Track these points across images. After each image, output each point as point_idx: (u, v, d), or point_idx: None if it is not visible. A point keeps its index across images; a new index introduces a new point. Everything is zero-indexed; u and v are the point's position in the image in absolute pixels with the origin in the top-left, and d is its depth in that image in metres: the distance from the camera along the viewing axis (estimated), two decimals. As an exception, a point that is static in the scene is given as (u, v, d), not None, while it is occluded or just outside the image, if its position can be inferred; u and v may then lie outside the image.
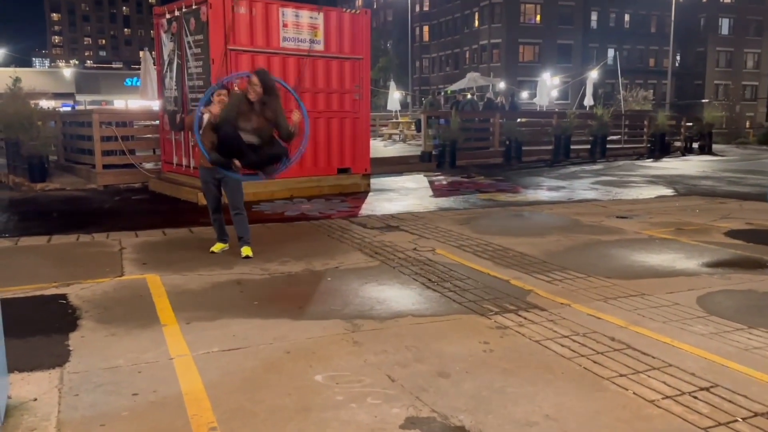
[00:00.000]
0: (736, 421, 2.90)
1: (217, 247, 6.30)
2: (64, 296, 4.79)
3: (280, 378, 3.37)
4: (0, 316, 2.88)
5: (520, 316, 4.37)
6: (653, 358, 3.64)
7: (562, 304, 4.65)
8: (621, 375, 3.40)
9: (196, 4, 9.74)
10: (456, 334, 4.02)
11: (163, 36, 10.93)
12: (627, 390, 3.22)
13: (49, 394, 3.15)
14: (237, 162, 5.75)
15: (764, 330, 4.09)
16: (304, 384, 3.29)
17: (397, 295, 4.89)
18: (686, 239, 6.98)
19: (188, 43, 10.01)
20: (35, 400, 3.08)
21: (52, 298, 4.75)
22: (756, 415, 2.96)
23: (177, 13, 10.30)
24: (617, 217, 8.46)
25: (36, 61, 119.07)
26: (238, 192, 6.12)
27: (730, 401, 3.10)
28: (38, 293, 4.87)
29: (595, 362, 3.57)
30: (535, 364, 3.56)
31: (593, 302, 4.68)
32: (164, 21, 10.79)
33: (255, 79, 5.55)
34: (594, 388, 3.26)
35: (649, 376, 3.38)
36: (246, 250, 6.07)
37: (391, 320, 4.30)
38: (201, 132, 5.90)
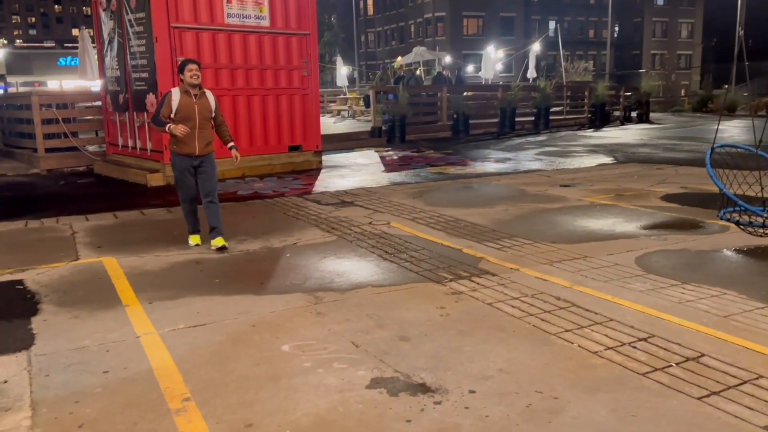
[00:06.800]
0: (671, 366, 3.20)
1: (195, 239, 5.86)
2: (20, 281, 4.76)
3: (247, 350, 3.49)
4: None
5: (473, 281, 4.61)
6: (596, 314, 3.93)
7: (511, 269, 4.91)
8: (567, 330, 3.68)
9: (136, -19, 9.50)
10: (414, 301, 4.23)
11: (102, 14, 10.61)
12: (572, 343, 3.50)
13: (19, 376, 3.20)
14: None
15: (696, 285, 4.45)
16: (271, 354, 3.43)
17: (355, 268, 5.05)
18: (625, 204, 7.38)
19: (129, 21, 9.76)
20: (5, 382, 3.13)
21: (8, 284, 4.72)
22: (688, 359, 3.27)
23: (116, -10, 10.01)
24: (561, 185, 8.82)
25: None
26: (215, 178, 5.80)
27: (665, 349, 3.40)
28: (-8, 280, 4.82)
29: (542, 320, 3.84)
30: (489, 324, 3.80)
31: (540, 266, 4.97)
32: (103, -2, 10.47)
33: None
34: (542, 343, 3.52)
35: (592, 330, 3.67)
36: (219, 241, 5.67)
37: (351, 291, 4.47)
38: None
